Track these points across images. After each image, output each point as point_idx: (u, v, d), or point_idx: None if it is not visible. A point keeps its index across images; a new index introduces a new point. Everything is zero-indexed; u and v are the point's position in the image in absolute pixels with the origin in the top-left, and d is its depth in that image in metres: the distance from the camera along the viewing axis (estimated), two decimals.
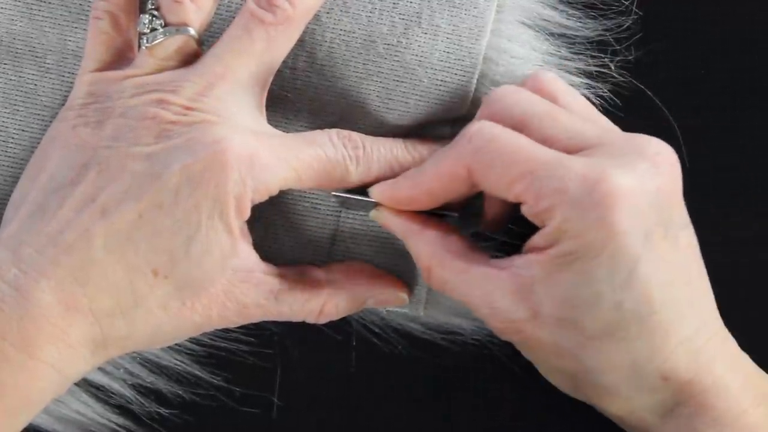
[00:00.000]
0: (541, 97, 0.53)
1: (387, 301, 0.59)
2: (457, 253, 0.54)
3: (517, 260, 0.51)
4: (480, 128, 0.52)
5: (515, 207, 0.52)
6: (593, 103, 0.57)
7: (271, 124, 0.56)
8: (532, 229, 0.51)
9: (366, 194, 0.56)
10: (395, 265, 0.59)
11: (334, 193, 0.56)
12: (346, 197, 0.56)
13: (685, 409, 0.51)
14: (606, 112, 0.58)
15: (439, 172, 0.53)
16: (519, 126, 0.52)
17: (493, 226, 0.57)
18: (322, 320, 0.57)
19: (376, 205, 0.55)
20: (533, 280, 0.50)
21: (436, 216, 0.55)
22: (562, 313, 0.50)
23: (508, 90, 0.53)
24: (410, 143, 0.57)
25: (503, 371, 0.60)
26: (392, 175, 0.56)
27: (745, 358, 0.54)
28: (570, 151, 0.51)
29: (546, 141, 0.51)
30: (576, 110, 0.54)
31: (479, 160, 0.51)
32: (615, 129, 0.54)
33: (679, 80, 0.60)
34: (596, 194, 0.48)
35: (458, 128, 0.58)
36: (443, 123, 0.58)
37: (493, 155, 0.51)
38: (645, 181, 0.49)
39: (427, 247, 0.54)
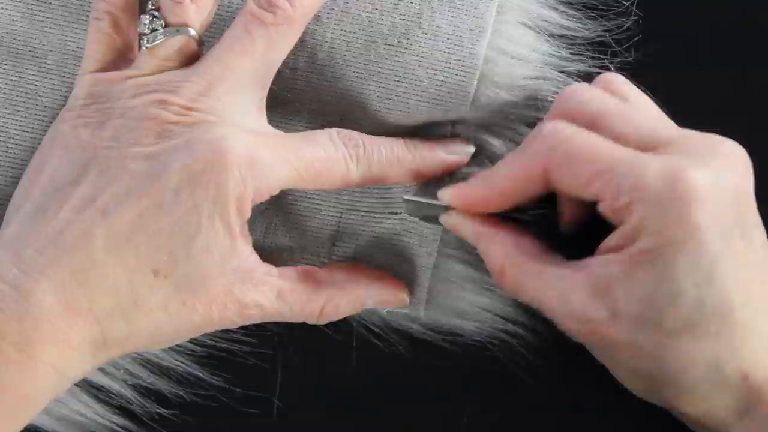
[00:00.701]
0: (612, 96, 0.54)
1: (387, 301, 0.59)
2: (531, 255, 0.53)
3: (593, 261, 0.51)
4: (554, 127, 0.52)
5: (590, 209, 0.52)
6: None
7: (271, 125, 0.56)
8: (600, 234, 0.51)
9: (435, 198, 0.56)
10: (395, 266, 0.60)
11: (404, 197, 0.57)
12: (418, 201, 0.56)
13: (761, 410, 0.51)
14: None
15: (513, 171, 0.53)
16: (591, 124, 0.52)
17: (569, 228, 0.57)
18: (323, 321, 0.57)
19: (446, 209, 0.55)
20: (612, 278, 0.50)
21: (508, 219, 0.55)
22: (642, 312, 0.49)
23: (579, 88, 0.54)
24: (410, 142, 0.57)
25: (503, 372, 0.60)
26: (393, 174, 0.56)
27: None
28: (644, 149, 0.51)
29: (620, 139, 0.51)
30: (648, 110, 0.54)
31: (555, 159, 0.51)
32: (687, 129, 0.54)
33: (679, 81, 0.60)
34: (676, 190, 0.48)
35: (459, 128, 0.58)
36: (444, 123, 0.58)
37: (569, 154, 0.51)
38: (723, 178, 0.49)
39: (500, 249, 0.54)
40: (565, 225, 0.56)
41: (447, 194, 0.55)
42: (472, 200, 0.55)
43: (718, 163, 0.50)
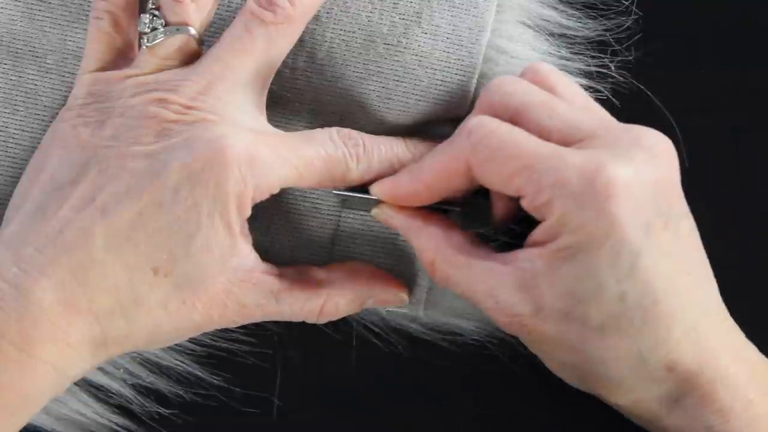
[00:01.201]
0: (539, 87, 0.54)
1: (387, 300, 0.58)
2: (461, 248, 0.54)
3: (520, 254, 0.51)
4: (478, 122, 0.52)
5: (520, 205, 0.52)
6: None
7: (271, 124, 0.56)
8: (531, 226, 0.52)
9: (367, 193, 0.56)
10: (395, 266, 0.60)
11: (335, 191, 0.56)
12: (348, 195, 0.56)
13: (690, 399, 0.51)
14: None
15: (438, 166, 0.53)
16: (516, 117, 0.52)
17: (500, 224, 0.57)
18: (322, 320, 0.57)
19: (377, 203, 0.56)
20: (536, 273, 0.50)
21: (439, 211, 0.55)
22: (566, 307, 0.50)
23: (505, 80, 0.53)
24: (410, 142, 0.57)
25: (503, 371, 0.60)
26: (393, 173, 0.56)
27: (751, 349, 0.54)
28: (567, 142, 0.51)
29: (543, 132, 0.51)
30: (574, 101, 0.54)
31: (478, 155, 0.51)
32: (612, 120, 0.54)
33: (679, 80, 0.60)
34: (595, 186, 0.49)
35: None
36: (444, 123, 0.58)
37: (491, 149, 0.51)
38: (643, 171, 0.50)
39: (430, 242, 0.54)
40: (497, 217, 0.56)
41: (376, 188, 0.55)
42: (399, 193, 0.55)
43: (639, 157, 0.50)
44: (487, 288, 0.52)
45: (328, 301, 0.56)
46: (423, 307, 0.60)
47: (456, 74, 0.57)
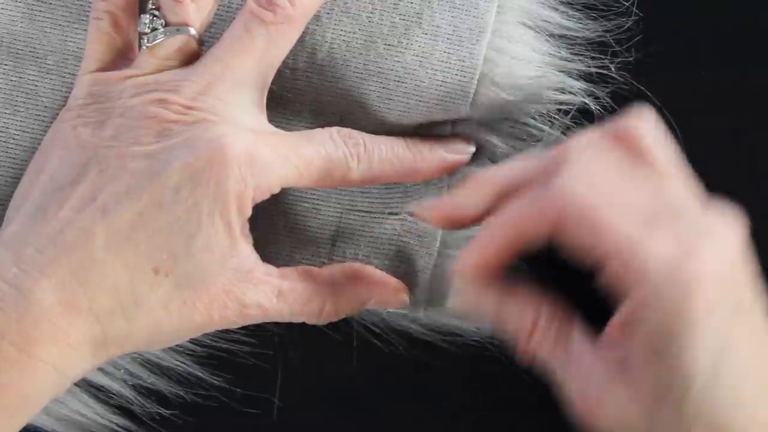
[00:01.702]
0: (625, 146, 0.51)
1: (387, 301, 0.58)
2: (562, 321, 0.51)
3: (612, 339, 0.49)
4: (570, 184, 0.49)
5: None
6: (591, 105, 0.58)
7: (271, 125, 0.56)
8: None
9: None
10: (396, 267, 0.60)
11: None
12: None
13: None
14: (605, 113, 0.59)
15: (521, 219, 0.50)
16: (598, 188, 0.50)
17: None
18: (323, 321, 0.57)
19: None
20: (631, 362, 0.49)
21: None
22: (660, 395, 0.48)
23: (590, 146, 0.51)
24: (411, 141, 0.57)
25: (504, 373, 0.60)
26: (393, 173, 0.56)
27: None
28: (647, 224, 0.49)
29: (624, 207, 0.49)
30: (657, 170, 0.51)
31: (567, 216, 0.49)
32: (688, 199, 0.51)
33: (679, 82, 0.60)
34: (680, 276, 0.47)
35: (459, 128, 0.58)
36: (444, 123, 0.58)
37: (580, 217, 0.49)
38: (724, 262, 0.48)
39: (530, 312, 0.52)
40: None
41: (465, 263, 0.52)
42: (485, 249, 0.51)
43: (725, 244, 0.49)
44: (582, 370, 0.50)
45: (329, 302, 0.56)
46: (423, 308, 0.60)
47: (456, 75, 0.57)
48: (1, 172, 0.58)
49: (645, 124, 0.51)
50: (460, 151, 0.58)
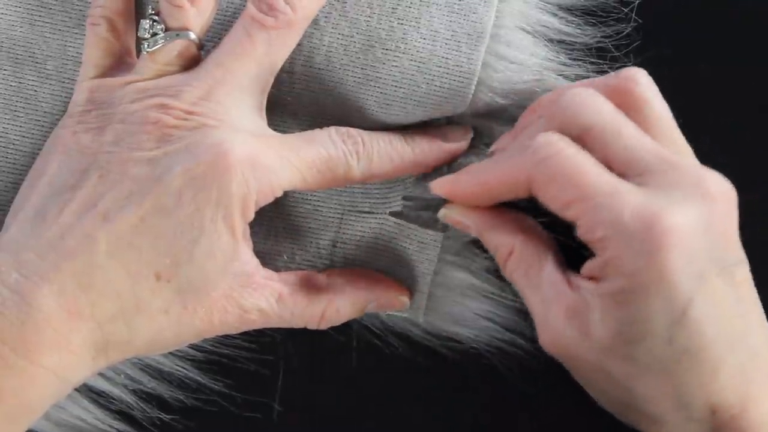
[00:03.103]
0: (622, 101, 0.52)
1: (388, 305, 0.59)
2: (538, 250, 0.53)
3: (582, 282, 0.51)
4: (546, 141, 0.51)
5: None
6: None
7: (270, 128, 0.56)
8: None
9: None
10: (396, 271, 0.60)
11: (405, 195, 0.57)
12: (416, 197, 0.56)
13: None
14: None
15: (500, 174, 0.53)
16: (583, 136, 0.51)
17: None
18: (324, 326, 0.57)
19: (443, 204, 0.55)
20: (589, 306, 0.50)
21: (513, 207, 0.55)
22: (613, 344, 0.50)
23: (579, 95, 0.52)
24: (409, 136, 0.57)
25: (501, 380, 0.60)
26: (394, 168, 0.56)
27: None
28: (627, 173, 0.50)
29: (606, 158, 0.51)
30: (653, 125, 0.52)
31: (540, 174, 0.51)
32: (684, 154, 0.53)
33: (678, 87, 0.60)
34: (650, 233, 0.48)
35: (455, 118, 0.58)
36: (442, 124, 0.59)
37: (553, 172, 0.50)
38: (700, 219, 0.49)
39: (508, 238, 0.54)
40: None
41: (436, 184, 0.55)
42: (458, 191, 0.54)
43: (697, 203, 0.49)
44: (545, 302, 0.52)
45: (329, 307, 0.56)
46: (423, 313, 0.60)
47: (454, 80, 0.57)
48: (1, 178, 0.58)
49: (641, 77, 0.53)
50: (458, 139, 0.58)
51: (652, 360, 0.49)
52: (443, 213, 0.55)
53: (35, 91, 0.58)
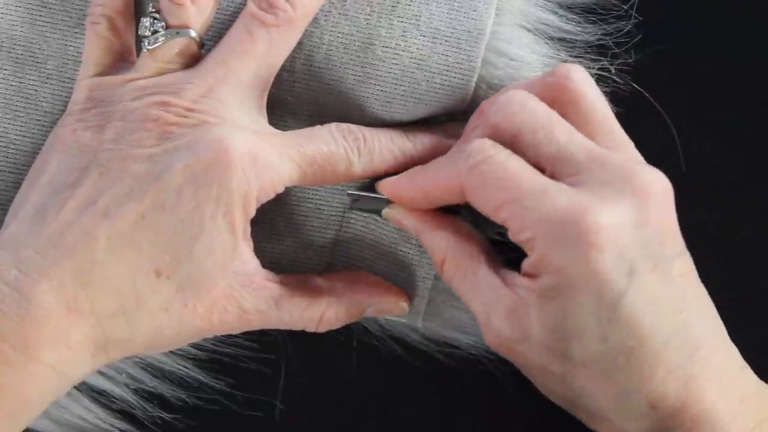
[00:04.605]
0: (558, 97, 0.53)
1: (387, 309, 0.59)
2: (471, 255, 0.54)
3: (518, 280, 0.51)
4: (478, 147, 0.51)
5: None
6: None
7: (270, 126, 0.56)
8: None
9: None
10: (396, 274, 0.59)
11: (348, 192, 0.57)
12: (358, 194, 0.57)
13: None
14: None
15: (436, 179, 0.54)
16: (515, 139, 0.52)
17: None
18: (322, 329, 0.57)
19: (388, 203, 0.56)
20: (526, 304, 0.50)
21: (453, 213, 0.56)
22: (551, 341, 0.50)
23: (512, 97, 0.53)
24: (410, 131, 0.57)
25: (498, 388, 0.60)
26: (396, 164, 0.56)
27: (745, 379, 0.53)
28: (560, 174, 0.51)
29: (538, 159, 0.51)
30: (591, 120, 0.53)
31: (470, 180, 0.51)
32: (622, 149, 0.53)
33: (678, 83, 0.60)
34: (577, 231, 0.48)
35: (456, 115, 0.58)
36: (443, 121, 0.59)
37: (483, 177, 0.51)
38: (630, 216, 0.49)
39: (441, 243, 0.54)
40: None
41: (382, 185, 0.56)
42: (399, 194, 0.55)
43: (627, 199, 0.49)
44: (485, 303, 0.52)
45: (328, 309, 0.56)
46: (422, 318, 0.60)
47: (455, 77, 0.57)
48: (2, 177, 0.58)
49: (574, 73, 0.53)
50: (458, 134, 0.57)
51: (587, 357, 0.50)
52: (385, 213, 0.57)
53: (36, 90, 0.58)
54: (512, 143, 0.52)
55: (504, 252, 0.55)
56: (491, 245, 0.56)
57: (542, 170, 0.51)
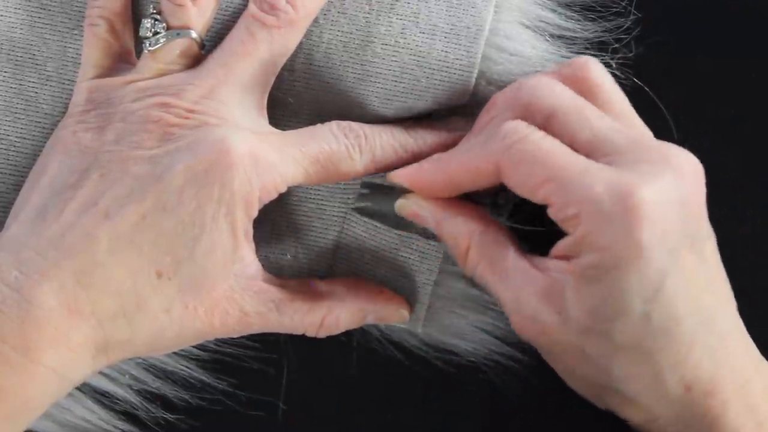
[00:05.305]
0: (577, 89, 0.53)
1: (388, 317, 0.58)
2: (497, 240, 0.53)
3: (549, 263, 0.51)
4: (514, 127, 0.51)
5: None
6: None
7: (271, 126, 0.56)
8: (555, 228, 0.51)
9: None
10: (396, 281, 0.59)
11: (364, 179, 0.57)
12: (373, 183, 0.57)
13: (706, 420, 0.51)
14: None
15: (467, 162, 0.53)
16: (547, 123, 0.52)
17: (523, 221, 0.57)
18: (322, 334, 0.56)
19: (403, 194, 0.55)
20: (564, 286, 0.50)
21: (469, 201, 0.55)
22: (591, 323, 0.50)
23: (540, 82, 0.53)
24: (412, 127, 0.57)
25: (497, 394, 0.60)
26: (398, 160, 0.56)
27: (765, 366, 0.53)
28: (595, 155, 0.51)
29: (572, 142, 0.51)
30: (610, 108, 0.53)
31: (509, 159, 0.51)
32: (642, 134, 0.54)
33: (676, 80, 0.60)
34: (625, 207, 0.48)
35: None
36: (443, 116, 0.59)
37: (523, 155, 0.51)
38: (671, 193, 0.49)
39: (465, 228, 0.54)
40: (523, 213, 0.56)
41: (399, 174, 0.55)
42: (421, 180, 0.55)
43: (667, 178, 0.49)
44: (515, 287, 0.52)
45: (329, 314, 0.56)
46: (422, 324, 0.60)
47: (454, 73, 0.57)
48: (2, 179, 0.58)
49: (592, 64, 0.54)
50: (461, 129, 0.57)
51: (628, 338, 0.50)
52: (399, 203, 0.56)
53: (36, 92, 0.58)
54: (543, 127, 0.52)
55: None
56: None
57: (576, 152, 0.51)
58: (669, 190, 0.49)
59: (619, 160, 0.50)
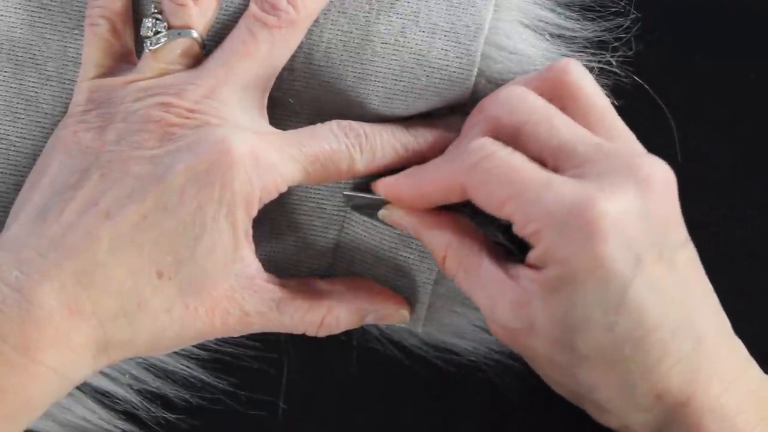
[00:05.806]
0: (558, 93, 0.53)
1: (388, 317, 0.58)
2: (472, 249, 0.54)
3: (522, 272, 0.51)
4: (479, 145, 0.52)
5: None
6: None
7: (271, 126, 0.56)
8: None
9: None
10: (396, 279, 0.59)
11: (344, 192, 0.57)
12: (354, 195, 0.56)
13: (679, 428, 0.51)
14: None
15: (434, 179, 0.54)
16: (517, 135, 0.52)
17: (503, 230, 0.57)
18: (322, 333, 0.56)
19: (385, 203, 0.56)
20: (532, 296, 0.50)
21: (451, 210, 0.55)
22: (557, 333, 0.50)
23: (512, 94, 0.53)
24: (412, 126, 0.57)
25: (496, 395, 0.60)
26: (398, 159, 0.56)
27: (750, 374, 0.53)
28: (563, 166, 0.51)
29: (541, 154, 0.51)
30: (591, 113, 0.53)
31: (472, 178, 0.51)
32: (624, 139, 0.53)
33: (676, 80, 0.60)
34: (582, 221, 0.48)
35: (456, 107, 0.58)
36: (444, 114, 0.59)
37: (486, 174, 0.51)
38: (633, 204, 0.49)
39: (442, 239, 0.54)
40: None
41: (380, 185, 0.56)
42: (398, 194, 0.55)
43: (629, 189, 0.49)
44: (488, 295, 0.52)
45: (329, 314, 0.56)
46: (422, 324, 0.60)
47: (454, 72, 0.57)
48: (3, 179, 0.58)
49: (572, 67, 0.54)
50: (460, 127, 0.57)
51: (593, 348, 0.50)
52: (382, 214, 0.56)
53: (36, 92, 0.58)
54: (514, 138, 0.52)
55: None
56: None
57: (544, 164, 0.51)
58: (630, 200, 0.49)
59: (586, 172, 0.50)
